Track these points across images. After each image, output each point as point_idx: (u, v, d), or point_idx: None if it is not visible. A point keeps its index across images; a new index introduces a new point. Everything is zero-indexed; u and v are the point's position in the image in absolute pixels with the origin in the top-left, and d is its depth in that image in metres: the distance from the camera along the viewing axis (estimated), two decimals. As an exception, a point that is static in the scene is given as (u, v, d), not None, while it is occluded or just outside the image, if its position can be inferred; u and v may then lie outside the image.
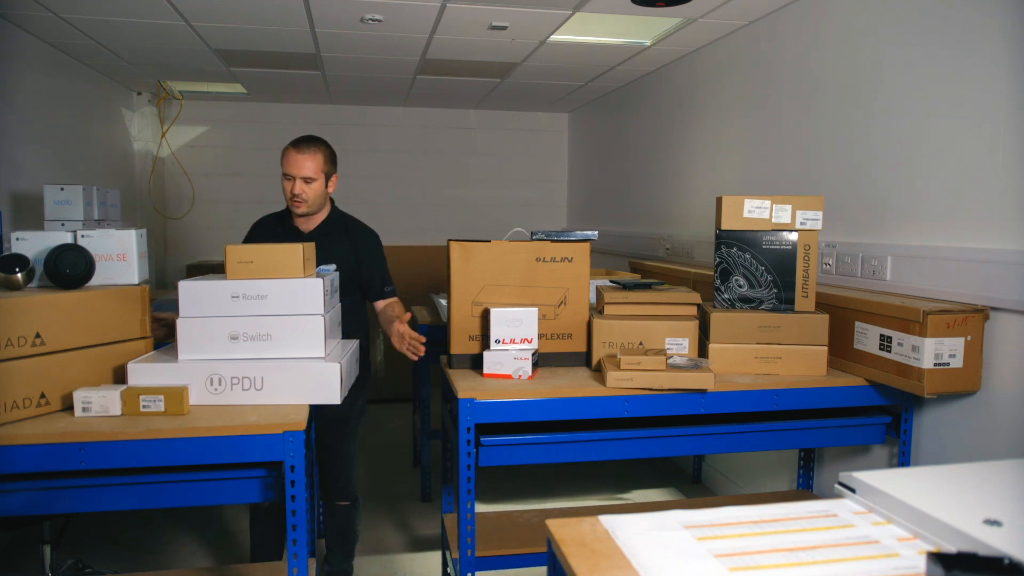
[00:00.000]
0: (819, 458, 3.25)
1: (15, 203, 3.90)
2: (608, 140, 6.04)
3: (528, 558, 2.62)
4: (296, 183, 2.76)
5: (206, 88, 5.92)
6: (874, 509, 1.23)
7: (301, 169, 2.76)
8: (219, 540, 3.61)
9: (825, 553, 1.09)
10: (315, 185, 2.79)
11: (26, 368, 1.99)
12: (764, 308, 2.65)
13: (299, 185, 2.76)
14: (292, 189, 2.76)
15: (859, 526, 1.19)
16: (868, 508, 1.24)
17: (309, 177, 2.77)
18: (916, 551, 1.09)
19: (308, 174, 2.76)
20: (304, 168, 2.76)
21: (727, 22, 3.81)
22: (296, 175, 2.76)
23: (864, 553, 1.09)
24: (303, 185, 2.76)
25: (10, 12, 3.75)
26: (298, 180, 2.76)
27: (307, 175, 2.76)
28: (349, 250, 2.85)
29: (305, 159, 2.77)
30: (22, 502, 2.00)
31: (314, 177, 2.78)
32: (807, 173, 3.34)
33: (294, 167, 2.76)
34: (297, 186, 2.76)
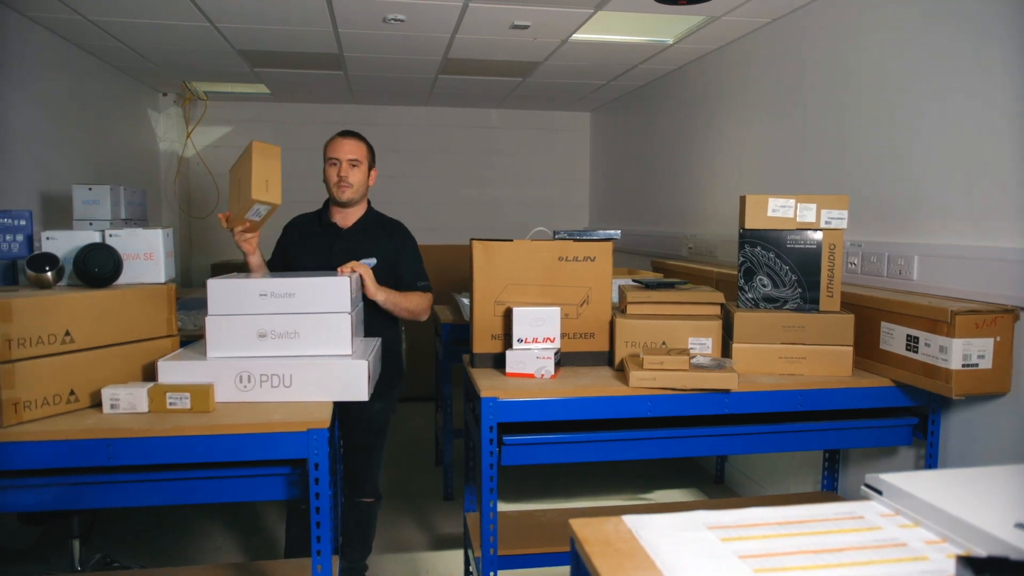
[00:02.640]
0: (844, 459, 3.22)
1: (45, 203, 3.96)
2: (630, 139, 6.02)
3: (550, 557, 2.62)
4: (343, 165, 2.82)
5: (230, 89, 5.98)
6: (901, 512, 1.22)
7: (348, 152, 2.83)
8: (246, 537, 3.65)
9: (851, 555, 1.08)
10: (360, 169, 2.85)
11: (56, 365, 2.02)
12: (788, 308, 2.63)
13: (345, 167, 2.82)
14: (339, 172, 2.82)
15: (886, 528, 1.17)
16: (895, 510, 1.23)
17: (355, 159, 2.83)
18: (945, 555, 1.08)
19: (355, 156, 2.84)
20: (351, 151, 2.83)
21: (751, 19, 3.78)
22: (343, 158, 2.82)
23: (891, 556, 1.08)
24: (349, 168, 2.82)
25: (41, 15, 3.81)
26: (344, 162, 2.82)
27: (353, 157, 2.83)
28: (388, 246, 2.88)
29: (351, 142, 2.85)
30: (52, 497, 2.03)
31: (360, 160, 2.84)
32: (832, 172, 3.31)
33: (341, 150, 2.83)
34: (344, 168, 2.82)
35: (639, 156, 5.83)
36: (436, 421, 4.77)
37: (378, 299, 2.67)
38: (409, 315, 2.84)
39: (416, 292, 2.88)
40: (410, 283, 2.89)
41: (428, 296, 2.91)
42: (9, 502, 2.03)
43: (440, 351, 4.18)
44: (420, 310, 2.86)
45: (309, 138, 6.49)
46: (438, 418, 4.61)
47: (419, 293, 2.88)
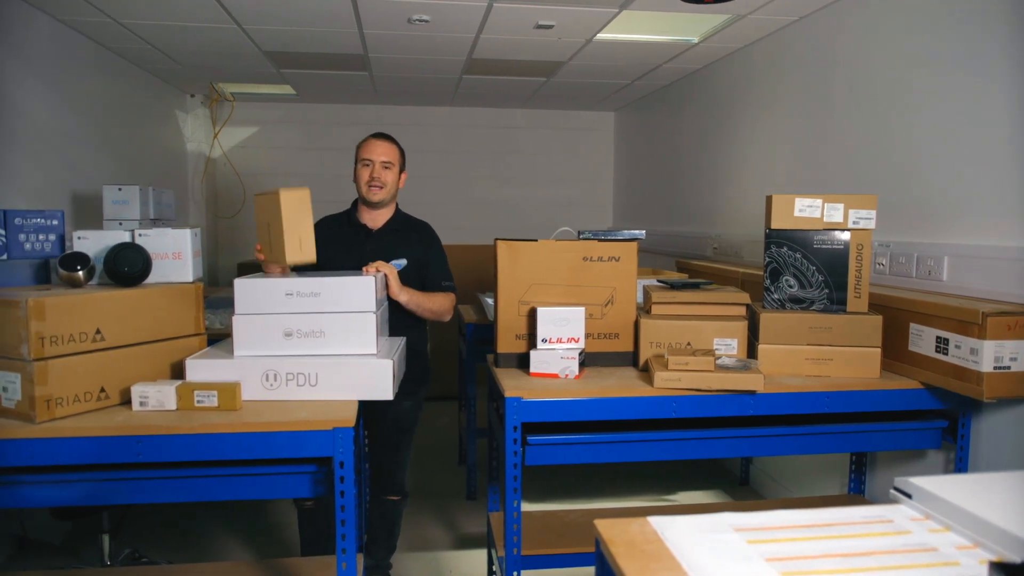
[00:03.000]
0: (871, 462, 3.18)
1: (75, 203, 4.02)
2: (655, 139, 6.00)
3: (574, 558, 2.62)
4: (375, 167, 2.84)
5: (256, 90, 6.03)
6: (931, 516, 1.20)
7: (381, 154, 2.85)
8: (271, 534, 3.68)
9: (880, 560, 1.07)
10: (392, 171, 2.87)
11: (87, 363, 2.05)
12: (815, 309, 2.61)
13: (378, 169, 2.84)
14: (371, 173, 2.84)
15: (916, 533, 1.16)
16: (925, 515, 1.22)
17: (388, 162, 2.85)
18: (976, 560, 1.06)
19: (387, 158, 2.86)
20: (385, 153, 2.85)
21: (777, 18, 3.75)
22: (376, 159, 2.84)
23: (922, 561, 1.07)
24: (382, 169, 2.85)
25: (73, 19, 3.87)
26: (377, 164, 2.84)
27: (386, 159, 2.85)
28: (416, 246, 2.90)
29: (385, 145, 2.88)
30: (82, 493, 2.06)
31: (392, 162, 2.87)
32: (860, 171, 3.27)
33: (374, 152, 2.85)
34: (376, 169, 2.84)
35: (663, 156, 5.80)
36: (459, 420, 4.78)
37: (401, 299, 2.69)
38: (432, 316, 2.85)
39: (440, 293, 2.89)
40: (434, 283, 2.90)
41: (451, 297, 2.92)
42: (42, 497, 2.07)
43: (464, 351, 4.19)
44: (443, 311, 2.87)
45: (334, 138, 6.56)
46: (461, 417, 4.62)
47: (443, 294, 2.89)
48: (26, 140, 3.61)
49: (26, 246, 2.34)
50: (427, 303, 2.80)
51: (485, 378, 2.90)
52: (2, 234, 2.30)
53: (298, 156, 6.62)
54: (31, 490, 2.02)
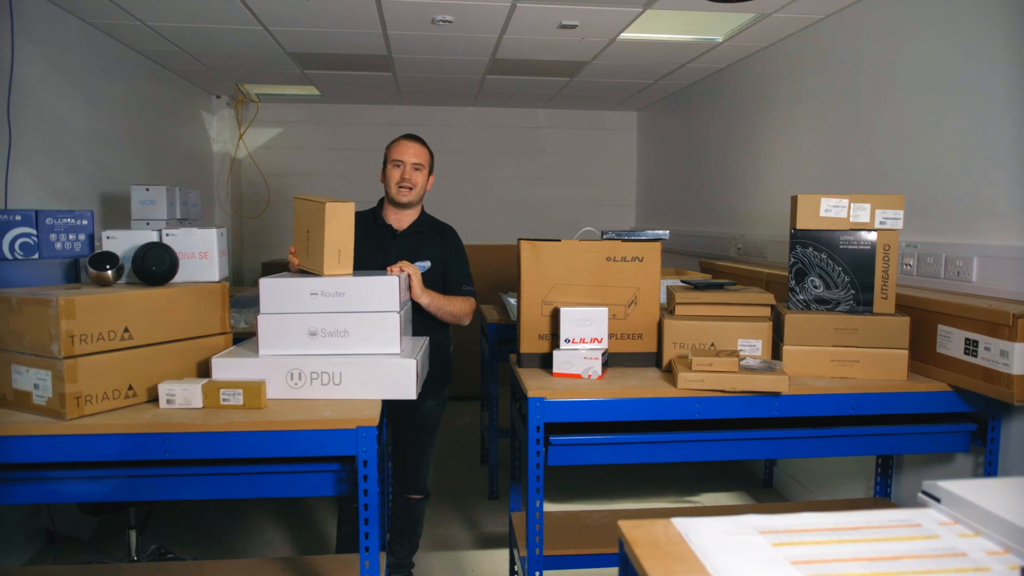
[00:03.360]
0: (898, 465, 3.14)
1: (104, 203, 4.08)
2: (678, 138, 5.97)
3: (596, 559, 2.61)
4: (406, 168, 2.85)
5: (281, 91, 6.08)
6: (961, 520, 1.19)
7: (412, 155, 2.86)
8: (295, 532, 3.71)
9: (909, 564, 1.06)
10: (422, 173, 2.88)
11: (115, 361, 2.08)
12: (841, 310, 2.58)
13: (409, 170, 2.85)
14: (402, 174, 2.85)
15: (945, 537, 1.14)
16: (954, 519, 1.20)
17: (418, 163, 2.87)
18: (1007, 566, 1.05)
19: (418, 160, 2.87)
20: (416, 154, 2.86)
21: (803, 16, 3.71)
22: (407, 160, 2.85)
23: (951, 566, 1.05)
24: (412, 171, 2.86)
25: (102, 22, 3.93)
26: (408, 165, 2.85)
27: (417, 161, 2.86)
28: (440, 249, 2.91)
29: (416, 146, 2.89)
30: (110, 488, 2.09)
31: (423, 164, 2.88)
32: (887, 171, 3.23)
33: (405, 153, 2.86)
34: (407, 170, 2.85)
35: (687, 156, 5.77)
36: (482, 420, 4.79)
37: (422, 301, 2.69)
38: (452, 319, 2.86)
39: (460, 297, 2.89)
40: (456, 287, 2.91)
41: (472, 301, 2.93)
42: (71, 492, 2.10)
43: (486, 350, 4.20)
44: (463, 314, 2.87)
45: (358, 139, 6.59)
46: (484, 417, 4.62)
47: (463, 298, 2.90)
48: (57, 142, 3.67)
49: (57, 246, 2.38)
50: (448, 306, 2.81)
51: (507, 378, 2.91)
52: (34, 234, 2.33)
53: (322, 156, 6.67)
54: (61, 485, 2.05)
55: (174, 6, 3.68)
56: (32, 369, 2.00)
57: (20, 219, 2.31)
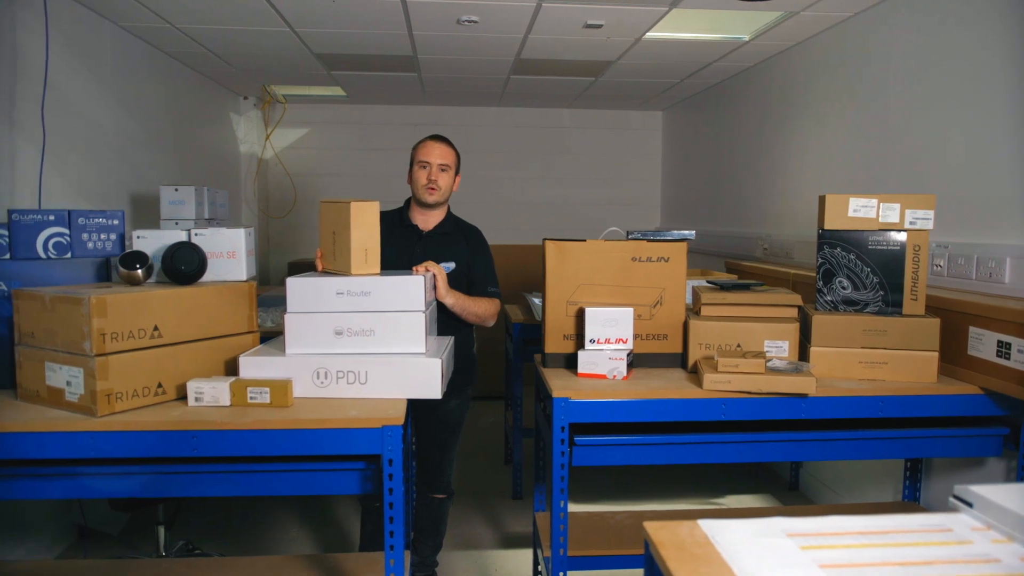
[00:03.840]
0: (927, 469, 3.10)
1: (134, 203, 4.13)
2: (703, 138, 5.93)
3: (621, 560, 2.60)
4: (433, 169, 2.86)
5: (307, 91, 6.13)
6: (993, 526, 1.17)
7: (439, 156, 2.87)
8: (319, 530, 3.74)
9: (940, 569, 1.04)
10: (448, 174, 2.90)
11: (145, 359, 2.11)
12: (869, 311, 2.55)
13: (435, 171, 2.86)
14: (429, 175, 2.86)
15: (977, 543, 1.12)
16: (987, 524, 1.18)
17: (445, 164, 2.88)
18: (1041, 571, 1.03)
19: (445, 161, 2.88)
20: (442, 155, 2.88)
21: (831, 14, 3.68)
22: (434, 161, 2.86)
23: (984, 572, 1.03)
24: (439, 172, 2.87)
25: (133, 24, 3.99)
26: (435, 166, 2.86)
27: (444, 162, 2.88)
28: (465, 250, 2.92)
29: (443, 147, 2.90)
30: (140, 485, 2.12)
31: (449, 165, 2.89)
32: (917, 170, 3.19)
33: (432, 154, 2.87)
34: (434, 171, 2.86)
35: (712, 155, 5.73)
36: (506, 420, 4.79)
37: (447, 302, 2.70)
38: (476, 320, 2.86)
39: (485, 298, 2.90)
40: (480, 288, 2.92)
41: (496, 303, 2.93)
42: (102, 488, 2.13)
43: (511, 350, 4.20)
44: (487, 315, 2.88)
45: (383, 139, 6.63)
46: (508, 417, 4.62)
47: (488, 299, 2.90)
48: (89, 143, 3.73)
49: (88, 245, 2.42)
50: (472, 307, 2.82)
51: (532, 378, 2.90)
52: (66, 234, 2.37)
53: (348, 156, 6.71)
54: (92, 481, 2.08)
55: (203, 9, 3.73)
56: (65, 366, 2.04)
57: (53, 219, 2.35)
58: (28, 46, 3.16)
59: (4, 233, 2.31)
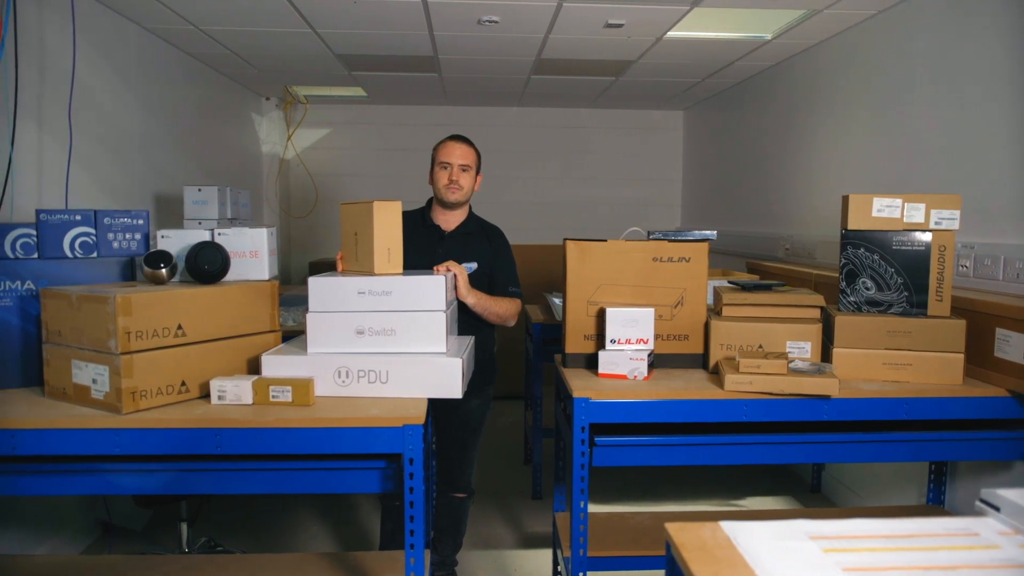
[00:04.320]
0: (952, 472, 3.06)
1: (158, 203, 4.18)
2: (725, 138, 5.90)
3: (641, 561, 2.59)
4: (454, 169, 2.87)
5: (328, 92, 6.17)
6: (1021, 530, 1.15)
7: (460, 156, 2.88)
8: (339, 528, 3.76)
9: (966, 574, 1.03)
10: (469, 174, 2.90)
11: (169, 357, 2.13)
12: (893, 312, 2.52)
13: (456, 171, 2.87)
14: (450, 175, 2.87)
15: (1005, 548, 1.11)
16: (1015, 529, 1.16)
17: (466, 164, 2.89)
18: (1070, 577, 1.01)
19: (466, 161, 2.89)
20: (463, 155, 2.89)
21: (856, 12, 3.64)
22: (454, 162, 2.87)
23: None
24: (460, 172, 2.88)
25: (158, 27, 4.03)
26: (455, 166, 2.87)
27: (464, 162, 2.88)
28: (487, 250, 2.92)
29: (463, 147, 2.91)
30: (164, 481, 2.14)
31: (470, 165, 2.90)
32: (942, 170, 3.15)
33: (452, 154, 2.88)
34: (455, 172, 2.87)
35: (734, 155, 5.70)
36: (525, 420, 4.79)
37: (468, 301, 2.71)
38: (498, 319, 2.87)
39: (506, 298, 2.90)
40: (502, 288, 2.92)
41: (517, 303, 2.94)
42: (126, 485, 2.16)
43: (531, 350, 4.20)
44: (508, 315, 2.88)
45: (404, 139, 6.65)
46: (527, 417, 4.62)
47: (509, 299, 2.91)
48: (114, 144, 3.78)
49: (114, 244, 2.44)
50: (494, 307, 2.82)
51: (552, 378, 2.90)
52: (92, 233, 2.40)
53: (368, 157, 6.74)
54: (117, 478, 2.11)
55: (227, 10, 3.76)
56: (91, 364, 2.06)
57: (80, 219, 2.38)
58: (56, 48, 3.21)
59: (32, 233, 2.34)
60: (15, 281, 2.29)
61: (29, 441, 2.00)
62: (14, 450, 2.00)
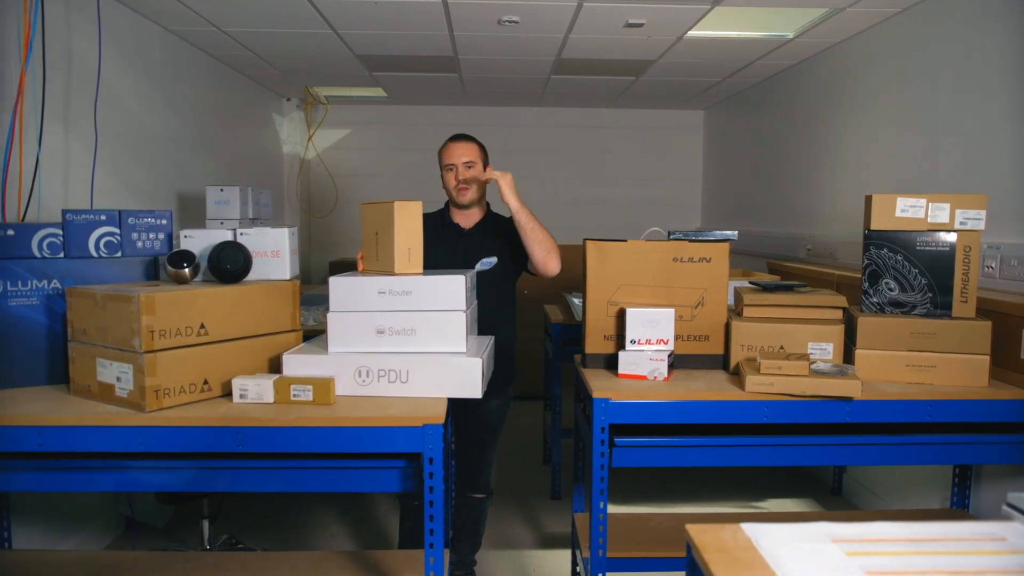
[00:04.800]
0: (976, 476, 3.02)
1: (181, 203, 4.22)
2: (746, 137, 5.86)
3: (661, 562, 2.58)
4: (459, 169, 2.87)
5: (349, 92, 6.20)
6: (1049, 535, 1.14)
7: (462, 155, 2.87)
8: (358, 526, 3.77)
9: (992, 579, 1.02)
10: (476, 169, 2.89)
11: (192, 356, 2.15)
12: (917, 313, 2.50)
13: (462, 171, 2.87)
14: (456, 176, 2.87)
15: (1032, 552, 1.09)
16: (1041, 533, 1.15)
17: (470, 161, 2.88)
18: (1099, 583, 1.00)
19: (469, 158, 2.88)
20: (465, 153, 2.88)
21: (879, 10, 3.61)
22: (458, 162, 2.87)
23: (1038, 581, 1.01)
24: (465, 170, 2.87)
25: (182, 29, 4.07)
26: (460, 166, 2.87)
27: (468, 159, 2.88)
28: (505, 245, 2.92)
29: (463, 145, 2.90)
30: (186, 479, 2.16)
31: (475, 161, 2.89)
32: (967, 169, 3.11)
33: (455, 155, 2.88)
34: (461, 171, 2.87)
35: (755, 155, 5.66)
36: (544, 420, 4.79)
37: (513, 205, 2.69)
38: (541, 250, 2.75)
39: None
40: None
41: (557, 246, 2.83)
42: (149, 482, 2.18)
43: (550, 350, 4.20)
44: (552, 246, 2.77)
45: (423, 139, 6.65)
46: (546, 417, 4.62)
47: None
48: (138, 144, 3.82)
49: (138, 244, 2.47)
50: (541, 229, 2.75)
51: (571, 378, 2.90)
52: (117, 233, 2.43)
53: (388, 157, 6.77)
54: (140, 475, 2.13)
55: (249, 12, 3.79)
56: (115, 363, 2.09)
57: (105, 219, 2.41)
58: (82, 50, 3.25)
59: (59, 232, 2.37)
60: (42, 280, 2.33)
61: (55, 438, 2.03)
62: (41, 447, 2.03)
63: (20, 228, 2.33)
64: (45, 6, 2.87)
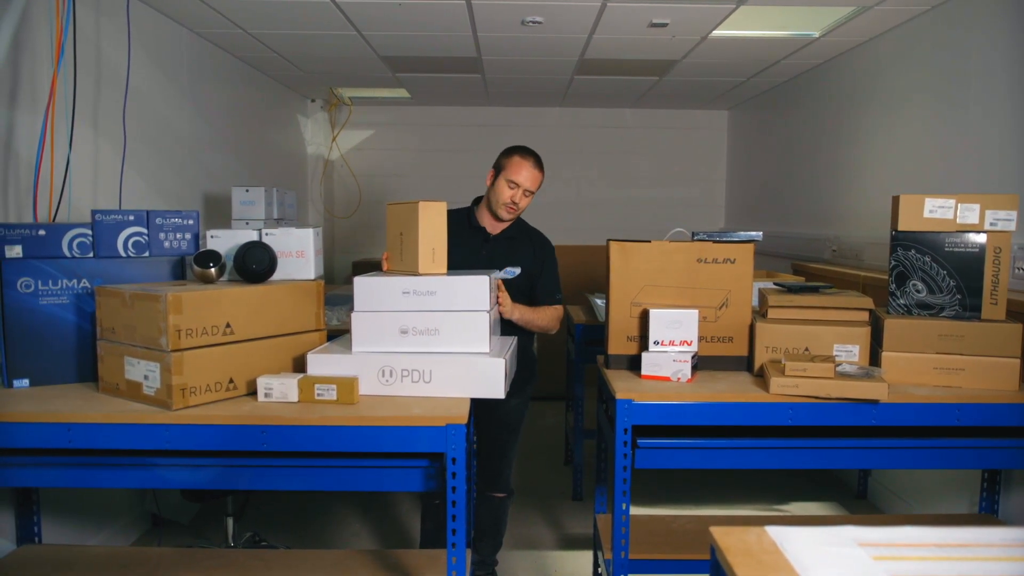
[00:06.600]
0: (1006, 480, 2.97)
1: (207, 203, 4.27)
2: (770, 137, 5.81)
3: (684, 564, 2.57)
4: (519, 192, 2.85)
5: (372, 93, 6.23)
6: (1081, 541, 1.12)
7: (531, 182, 2.86)
8: (380, 526, 3.79)
9: (1022, 585, 1.00)
10: (530, 199, 2.90)
11: (218, 355, 2.17)
12: (945, 315, 2.46)
13: (520, 195, 2.86)
14: (513, 197, 2.85)
15: (1063, 558, 1.08)
16: (1073, 539, 1.13)
17: (531, 191, 2.88)
18: None
19: (534, 188, 2.88)
20: (534, 182, 2.87)
21: (907, 8, 3.56)
22: (524, 185, 2.85)
23: (1070, 588, 0.99)
24: (523, 197, 2.87)
25: (208, 31, 4.12)
26: (522, 190, 2.85)
27: (532, 188, 2.87)
28: (531, 256, 2.92)
29: (536, 173, 2.88)
30: (211, 476, 2.19)
31: (534, 192, 2.89)
32: (997, 169, 3.07)
33: (524, 177, 2.84)
34: (519, 196, 2.86)
35: (779, 155, 5.61)
36: (566, 421, 4.78)
37: (513, 317, 2.73)
38: (540, 331, 2.92)
39: (549, 307, 2.93)
40: (545, 296, 2.92)
41: (559, 310, 2.97)
42: (175, 479, 2.21)
43: (572, 351, 4.19)
44: (551, 326, 2.92)
45: (447, 140, 6.70)
46: (568, 418, 4.61)
47: (552, 308, 2.93)
48: (166, 146, 3.87)
49: (165, 244, 2.50)
50: (537, 320, 2.86)
51: (593, 379, 2.89)
52: (145, 233, 2.46)
53: (411, 157, 6.80)
54: (166, 472, 2.16)
55: (274, 14, 3.82)
56: (143, 361, 2.12)
57: (133, 219, 2.44)
58: (111, 54, 3.29)
59: (88, 232, 2.40)
60: (72, 279, 2.36)
61: (84, 435, 2.06)
62: (70, 443, 2.06)
63: (51, 228, 2.37)
64: (76, 11, 2.92)
